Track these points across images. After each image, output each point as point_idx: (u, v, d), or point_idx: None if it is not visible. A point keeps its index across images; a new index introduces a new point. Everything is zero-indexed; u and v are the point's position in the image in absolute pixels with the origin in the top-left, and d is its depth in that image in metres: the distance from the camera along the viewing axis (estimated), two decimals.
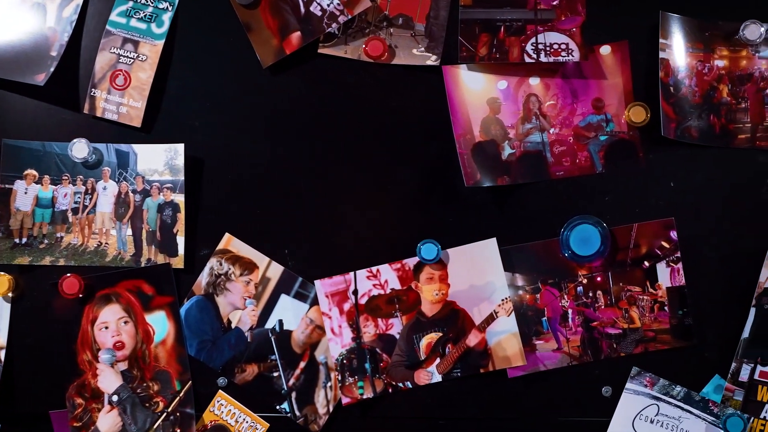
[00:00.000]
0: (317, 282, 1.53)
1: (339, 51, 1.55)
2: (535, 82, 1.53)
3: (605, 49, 1.52)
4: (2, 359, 1.53)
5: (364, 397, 1.52)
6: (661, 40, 1.50)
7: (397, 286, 1.53)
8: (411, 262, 1.53)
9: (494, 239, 1.51)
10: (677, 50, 1.50)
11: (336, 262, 1.54)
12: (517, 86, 1.54)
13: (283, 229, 1.55)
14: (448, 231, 1.53)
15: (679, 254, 1.49)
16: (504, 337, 1.51)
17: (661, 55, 1.50)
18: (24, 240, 1.54)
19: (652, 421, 1.50)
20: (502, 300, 1.50)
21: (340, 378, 1.52)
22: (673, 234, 1.49)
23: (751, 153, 1.50)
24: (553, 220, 1.51)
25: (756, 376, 1.49)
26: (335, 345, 1.53)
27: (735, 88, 1.51)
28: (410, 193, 1.54)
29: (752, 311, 1.48)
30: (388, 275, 1.53)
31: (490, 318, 1.51)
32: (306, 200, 1.54)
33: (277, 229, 1.55)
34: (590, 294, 1.51)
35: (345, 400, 1.52)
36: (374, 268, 1.53)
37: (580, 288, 1.52)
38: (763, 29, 1.49)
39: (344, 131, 1.54)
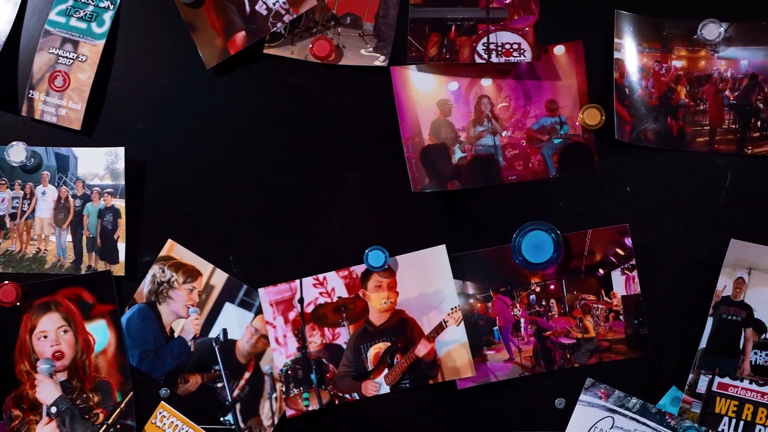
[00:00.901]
0: (261, 290, 1.48)
1: (285, 51, 1.50)
2: (487, 83, 1.48)
3: (559, 49, 1.47)
4: None
5: (310, 408, 1.48)
6: (615, 40, 1.45)
7: (345, 294, 1.48)
8: (359, 269, 1.48)
9: (443, 246, 1.46)
10: (633, 50, 1.45)
11: (282, 269, 1.49)
12: (468, 88, 1.49)
13: (228, 235, 1.50)
14: (397, 237, 1.48)
15: (634, 261, 1.44)
16: (453, 347, 1.46)
17: (616, 55, 1.45)
18: None
19: None
20: (452, 309, 1.46)
21: (284, 389, 1.48)
22: (628, 240, 1.44)
23: (709, 157, 1.45)
24: (506, 226, 1.46)
25: (714, 388, 1.44)
26: (279, 355, 1.48)
27: (693, 89, 1.46)
28: (358, 198, 1.49)
29: (709, 320, 1.43)
30: (336, 283, 1.48)
31: (440, 327, 1.46)
32: (251, 205, 1.50)
33: (222, 236, 1.50)
34: (543, 302, 1.47)
35: (289, 412, 1.48)
36: (321, 276, 1.48)
37: (532, 296, 1.47)
38: (722, 29, 1.44)
39: (290, 134, 1.50)
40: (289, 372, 1.48)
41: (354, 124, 1.49)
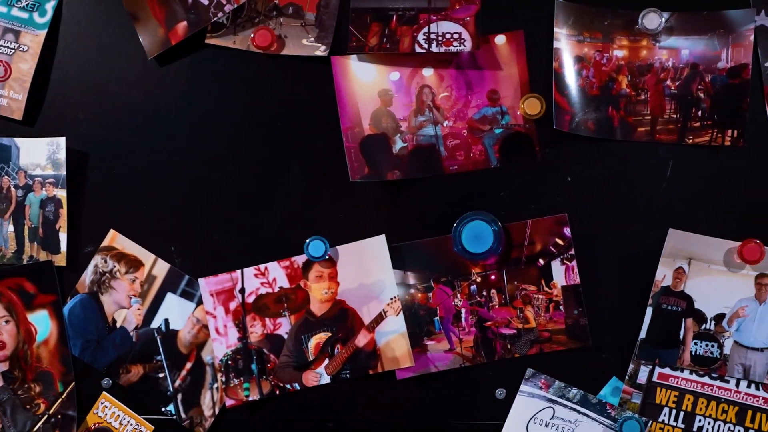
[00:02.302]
0: (201, 280, 1.48)
1: (227, 41, 1.50)
2: (428, 73, 1.48)
3: (500, 39, 1.47)
4: None
5: (250, 399, 1.47)
6: (555, 30, 1.45)
7: (286, 284, 1.48)
8: (300, 259, 1.48)
9: (383, 236, 1.45)
10: (573, 40, 1.45)
11: (223, 259, 1.49)
12: (410, 77, 1.48)
13: (170, 225, 1.50)
14: (338, 227, 1.48)
15: (573, 251, 1.43)
16: (393, 338, 1.45)
17: (556, 44, 1.45)
18: None
19: (547, 425, 1.44)
20: (391, 299, 1.45)
21: (224, 379, 1.47)
22: (567, 230, 1.43)
23: (651, 147, 1.45)
24: (447, 216, 1.46)
25: (654, 378, 1.44)
26: (220, 345, 1.48)
27: (634, 79, 1.46)
28: (300, 187, 1.49)
29: (649, 311, 1.43)
30: (277, 273, 1.48)
31: (379, 317, 1.46)
32: (193, 195, 1.49)
33: (164, 226, 1.50)
34: (484, 293, 1.46)
35: (229, 402, 1.47)
36: (262, 266, 1.48)
37: (473, 287, 1.46)
38: (663, 18, 1.43)
39: (232, 124, 1.49)
40: (230, 362, 1.47)
41: (296, 114, 1.49)
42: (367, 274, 1.46)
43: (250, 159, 1.49)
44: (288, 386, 1.47)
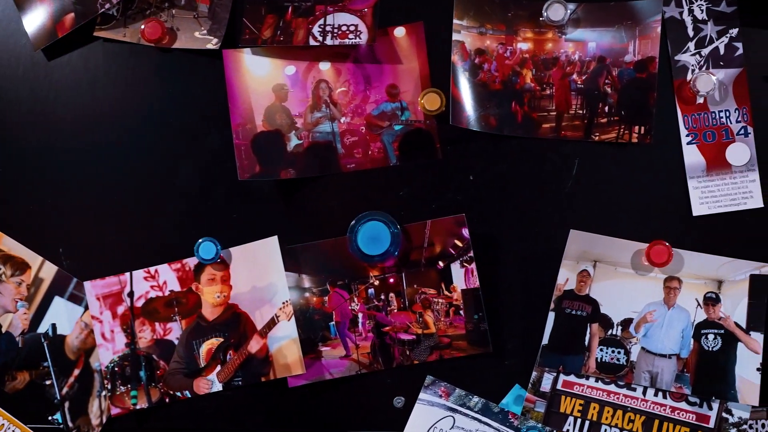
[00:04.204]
0: (87, 283, 1.42)
1: (117, 34, 1.44)
2: (325, 67, 1.42)
3: (399, 31, 1.40)
4: None
5: (138, 407, 1.41)
6: (455, 21, 1.38)
7: (177, 287, 1.42)
8: (192, 262, 1.42)
9: (275, 237, 1.39)
10: (474, 32, 1.39)
11: (114, 261, 1.43)
12: (306, 72, 1.42)
13: (58, 226, 1.44)
14: (231, 228, 1.41)
15: (472, 253, 1.37)
16: (284, 344, 1.39)
17: (456, 37, 1.38)
18: None
19: None
20: (283, 303, 1.39)
21: (110, 387, 1.41)
22: (465, 231, 1.37)
23: (556, 144, 1.39)
24: (344, 216, 1.39)
25: (559, 386, 1.37)
26: (106, 351, 1.42)
27: (539, 73, 1.39)
28: (192, 186, 1.42)
29: (551, 316, 1.36)
30: (167, 276, 1.42)
31: (272, 322, 1.39)
32: (82, 194, 1.43)
33: (51, 226, 1.44)
34: (382, 296, 1.40)
35: (114, 411, 1.41)
36: (152, 268, 1.42)
37: (371, 290, 1.40)
38: (569, 9, 1.37)
39: (122, 120, 1.43)
40: (116, 369, 1.41)
41: (188, 110, 1.43)
42: (260, 277, 1.40)
43: (141, 157, 1.43)
44: (178, 394, 1.41)
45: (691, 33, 1.38)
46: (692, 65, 1.38)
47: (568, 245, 1.35)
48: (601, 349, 1.37)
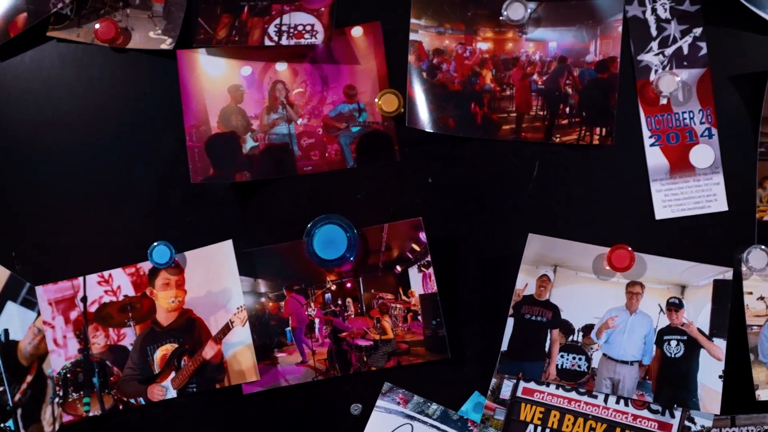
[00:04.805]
0: (39, 288, 1.39)
1: (71, 34, 1.41)
2: (282, 67, 1.39)
3: (357, 31, 1.38)
4: None
5: (90, 414, 1.38)
6: (412, 20, 1.35)
7: (131, 292, 1.39)
8: (146, 266, 1.39)
9: (230, 241, 1.36)
10: (432, 31, 1.36)
11: (67, 265, 1.40)
12: (262, 72, 1.39)
13: (10, 228, 1.41)
14: (185, 232, 1.39)
15: (429, 258, 1.34)
16: (239, 350, 1.36)
17: (413, 36, 1.36)
18: None
19: None
20: (238, 308, 1.36)
21: (62, 393, 1.38)
22: (422, 235, 1.34)
23: (516, 146, 1.36)
24: (300, 219, 1.37)
25: (519, 393, 1.34)
26: (58, 357, 1.39)
27: (499, 73, 1.36)
28: (145, 189, 1.40)
29: (510, 321, 1.34)
30: (122, 280, 1.39)
31: (226, 328, 1.37)
32: (35, 196, 1.41)
33: (3, 229, 1.41)
34: (339, 302, 1.37)
35: (66, 418, 1.39)
36: (106, 273, 1.39)
37: (328, 295, 1.37)
38: (529, 8, 1.34)
39: (75, 122, 1.41)
40: (68, 375, 1.39)
41: (142, 111, 1.40)
42: (215, 281, 1.37)
43: (95, 159, 1.40)
44: (132, 400, 1.39)
45: (654, 32, 1.35)
46: (655, 65, 1.35)
47: (526, 249, 1.32)
48: (562, 356, 1.34)
